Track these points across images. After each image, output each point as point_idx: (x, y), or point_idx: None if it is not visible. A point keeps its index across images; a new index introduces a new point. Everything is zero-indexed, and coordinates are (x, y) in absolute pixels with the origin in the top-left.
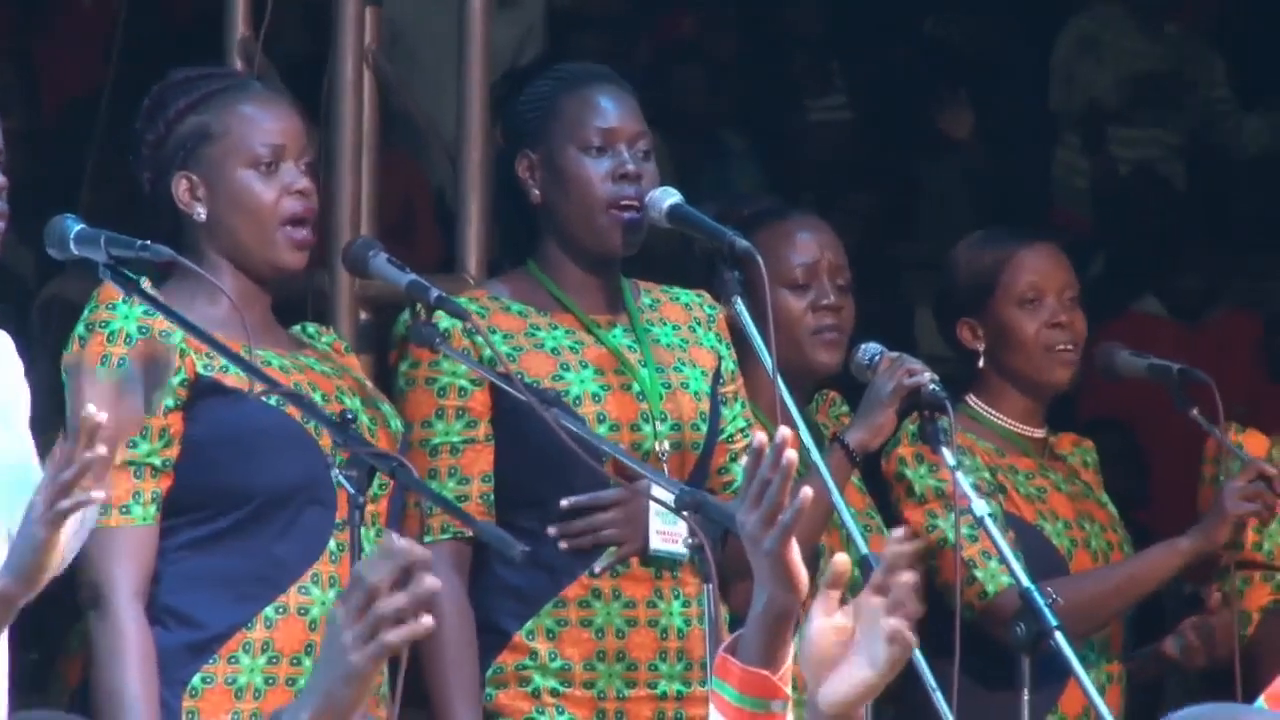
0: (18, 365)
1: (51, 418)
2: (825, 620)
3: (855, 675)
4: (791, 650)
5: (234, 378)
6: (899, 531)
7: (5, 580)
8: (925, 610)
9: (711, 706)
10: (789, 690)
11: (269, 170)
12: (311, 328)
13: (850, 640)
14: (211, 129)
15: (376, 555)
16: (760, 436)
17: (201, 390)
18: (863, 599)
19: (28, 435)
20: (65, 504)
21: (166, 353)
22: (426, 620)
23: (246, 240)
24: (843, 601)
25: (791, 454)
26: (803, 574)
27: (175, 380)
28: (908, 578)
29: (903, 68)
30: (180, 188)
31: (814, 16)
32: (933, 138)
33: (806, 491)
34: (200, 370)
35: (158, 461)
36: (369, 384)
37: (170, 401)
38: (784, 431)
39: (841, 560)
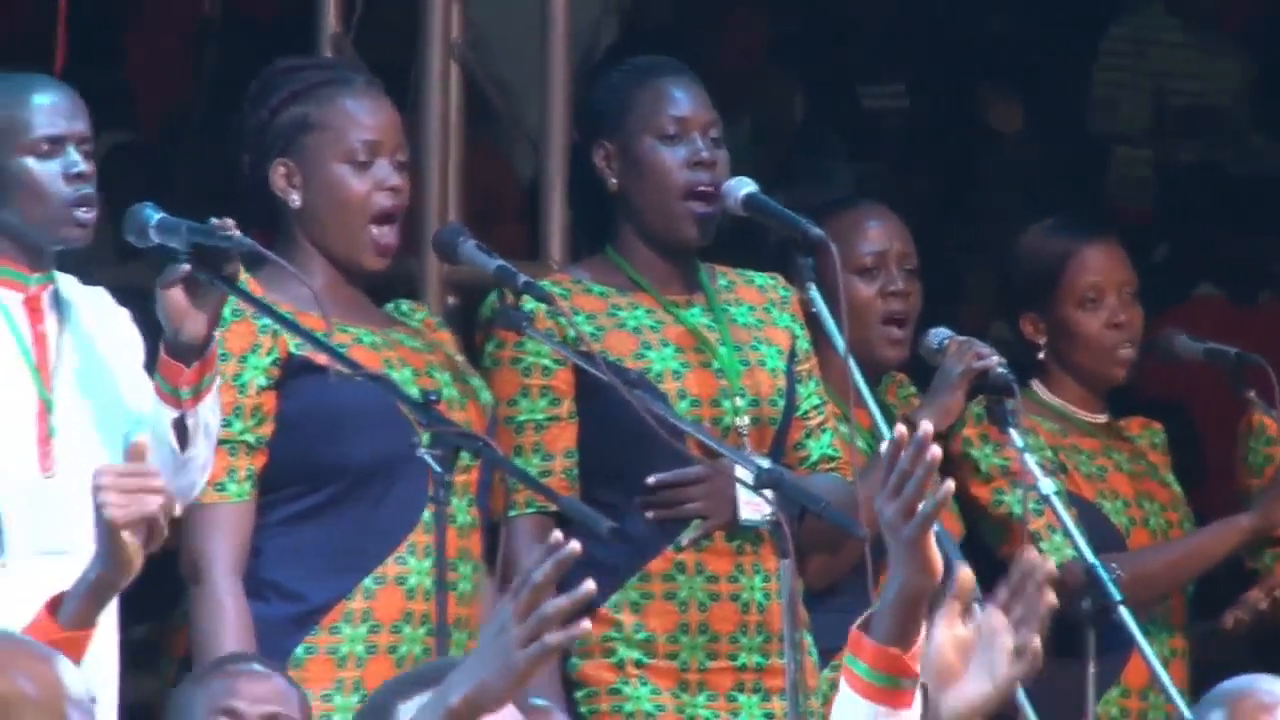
0: (120, 313)
1: None
2: (947, 632)
3: (975, 688)
4: (923, 631)
5: (324, 357)
6: (1032, 551)
7: (99, 569)
8: (992, 582)
9: (843, 681)
10: (919, 669)
11: (363, 165)
12: (405, 305)
13: (970, 652)
14: (311, 120)
15: (541, 553)
16: (900, 428)
17: (294, 369)
18: (988, 614)
19: (144, 378)
20: (132, 513)
21: None
22: (585, 624)
23: (335, 233)
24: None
25: (936, 450)
26: (937, 559)
27: (268, 360)
28: (1050, 599)
29: (959, 59)
30: (277, 174)
31: (879, 4)
32: (985, 128)
33: (949, 485)
34: (293, 349)
35: (252, 439)
36: (460, 358)
37: (263, 380)
38: (926, 426)
39: (966, 575)
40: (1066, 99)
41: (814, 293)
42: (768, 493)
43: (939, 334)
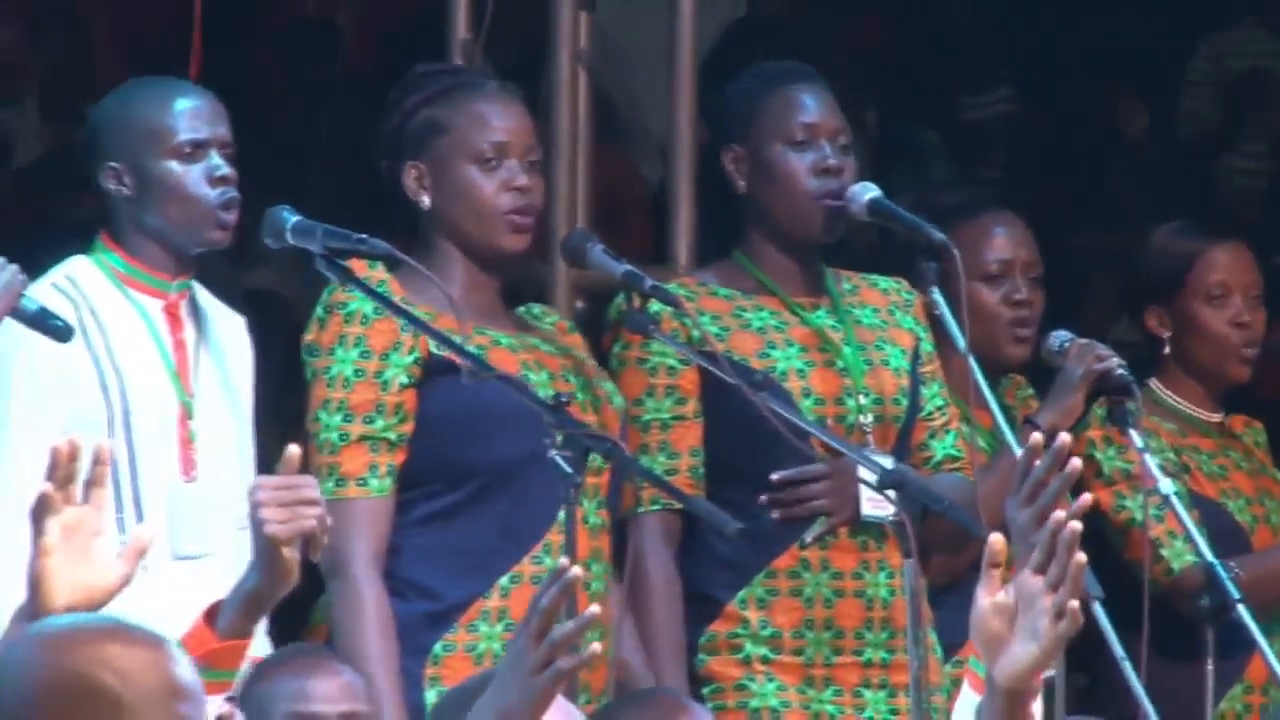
0: (250, 351)
1: (278, 402)
2: (988, 599)
3: (1022, 651)
4: None
5: (457, 355)
6: (1060, 514)
7: (257, 580)
8: (1114, 585)
9: (965, 681)
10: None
11: (492, 166)
12: (536, 309)
13: (1013, 617)
14: (441, 123)
15: (548, 582)
16: (1036, 436)
17: (434, 368)
18: (1023, 578)
19: (250, 418)
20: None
21: None
22: (595, 646)
23: (467, 228)
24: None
25: (1076, 463)
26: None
27: (410, 358)
28: (1080, 558)
29: (1076, 62)
30: (409, 177)
31: (976, 12)
32: (1106, 131)
33: (1086, 498)
34: (433, 349)
35: (393, 436)
36: (591, 362)
37: (405, 378)
38: (1064, 438)
39: (997, 539)
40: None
41: (937, 295)
42: (891, 492)
43: (1060, 336)
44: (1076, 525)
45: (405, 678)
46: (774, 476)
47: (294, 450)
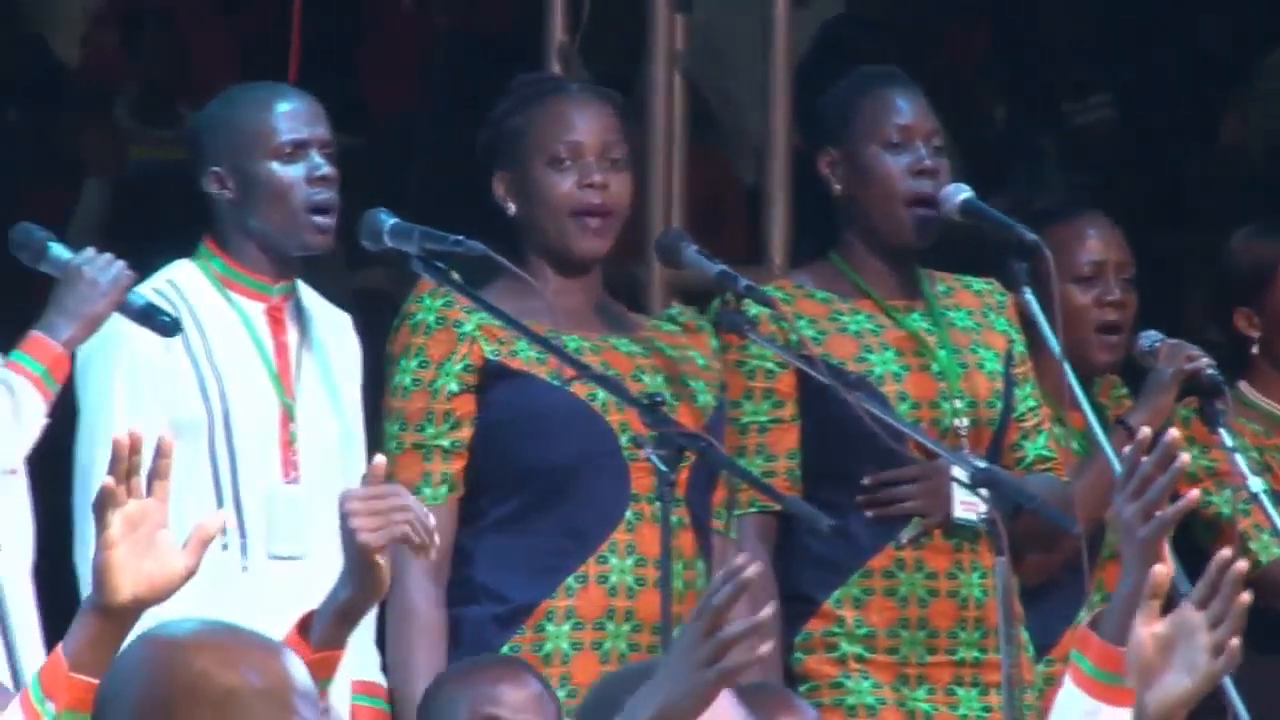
0: (357, 350)
1: (373, 401)
2: (1146, 630)
3: (1176, 684)
4: None
5: (520, 361)
6: (1225, 552)
7: (349, 591)
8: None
9: (1067, 675)
10: None
11: (566, 166)
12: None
13: (1170, 649)
14: (523, 129)
15: (722, 579)
16: (1145, 430)
17: (490, 374)
18: (1184, 612)
19: (358, 419)
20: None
21: None
22: (766, 647)
23: (545, 231)
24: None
25: (1185, 457)
26: (1170, 563)
27: (460, 366)
28: (1244, 599)
29: (1172, 71)
30: (498, 186)
31: (1074, 20)
32: (1201, 137)
33: (1194, 494)
34: (488, 355)
35: (446, 444)
36: (708, 361)
37: (455, 385)
38: (1173, 433)
39: (1161, 571)
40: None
41: (1029, 297)
42: (983, 491)
43: (1150, 337)
44: (1242, 564)
45: None
46: (867, 479)
47: (380, 460)
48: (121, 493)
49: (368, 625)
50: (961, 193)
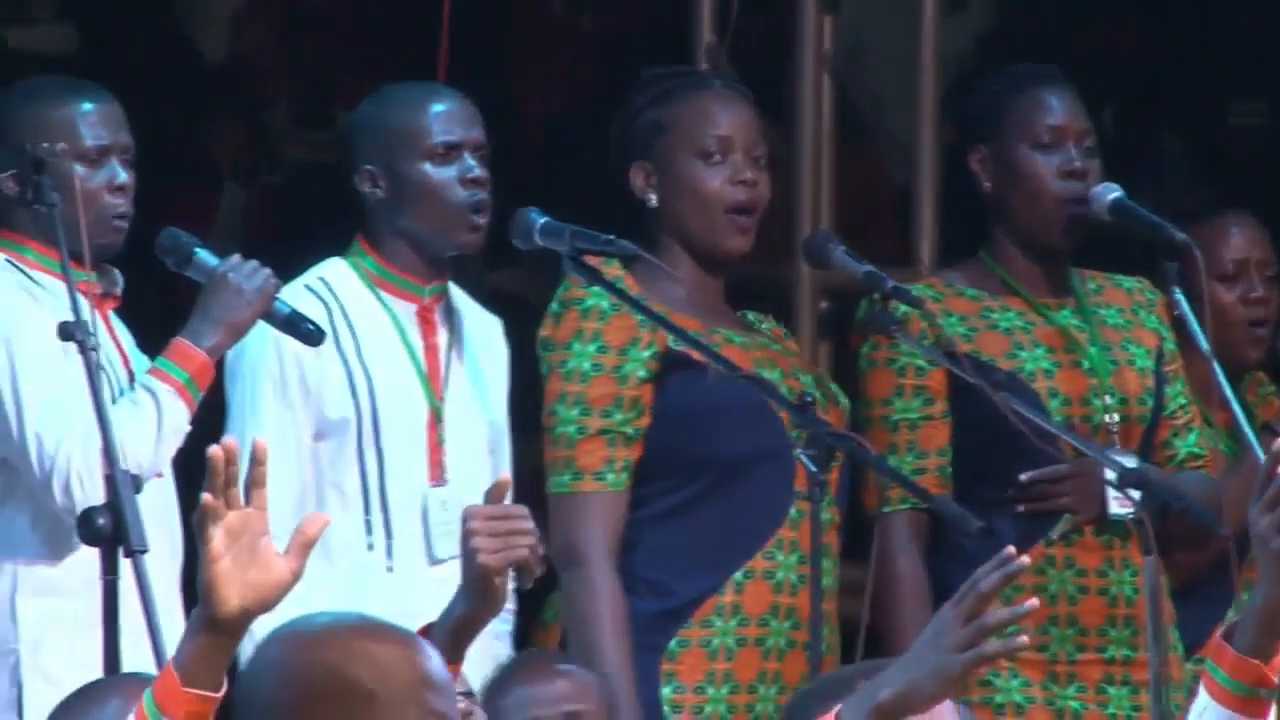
0: (505, 354)
1: (520, 403)
2: None
3: None
4: None
5: (700, 353)
6: None
7: (466, 606)
8: None
9: (1201, 686)
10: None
11: (716, 160)
12: (751, 315)
13: None
14: (665, 122)
15: (992, 566)
16: None
17: (671, 363)
18: None
19: (505, 421)
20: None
21: None
22: (1023, 639)
23: (692, 225)
24: None
25: None
26: None
27: (647, 353)
28: None
29: None
30: (638, 176)
31: (1246, 20)
32: None
33: None
34: (671, 344)
35: (630, 431)
36: (814, 365)
37: (643, 373)
38: None
39: None
40: None
41: (1179, 295)
42: (1133, 490)
43: None
44: None
45: (641, 674)
46: (1022, 477)
47: (504, 478)
48: (220, 506)
49: (507, 636)
50: (1111, 192)
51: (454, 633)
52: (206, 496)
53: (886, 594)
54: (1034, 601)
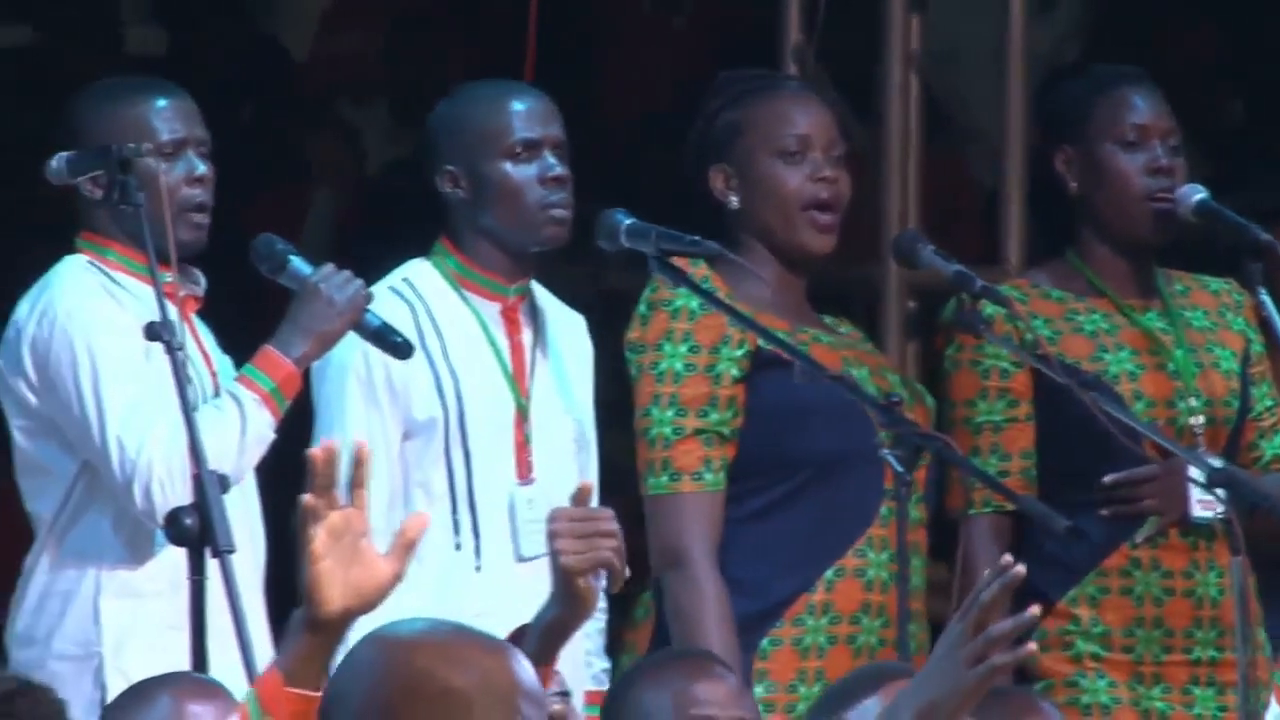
0: (590, 351)
1: (619, 401)
2: None
3: None
4: None
5: (788, 353)
6: None
7: (556, 610)
8: None
9: (1272, 696)
10: None
11: (795, 159)
12: (829, 318)
13: None
14: (742, 123)
15: (990, 577)
16: None
17: (762, 362)
18: None
19: (590, 419)
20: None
21: None
22: (1031, 646)
23: (773, 225)
24: None
25: None
26: None
27: (739, 352)
28: None
29: None
30: (717, 179)
31: None
32: None
33: None
34: (761, 344)
35: (725, 430)
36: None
37: (736, 372)
38: None
39: None
40: None
41: (1264, 296)
42: (1220, 491)
43: None
44: None
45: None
46: (1106, 479)
47: (587, 482)
48: (322, 506)
49: (597, 635)
50: (1197, 193)
51: (546, 635)
52: (308, 497)
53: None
54: (1035, 610)
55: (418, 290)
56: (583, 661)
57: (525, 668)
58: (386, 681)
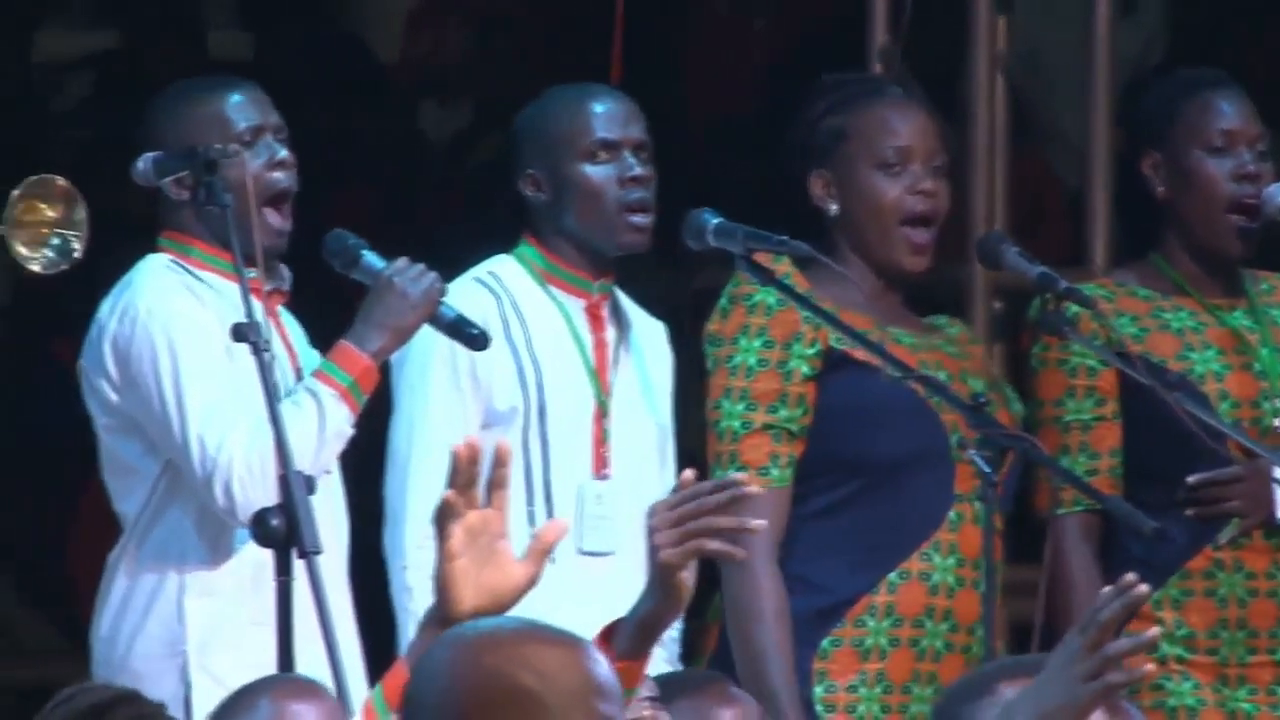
0: (669, 359)
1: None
2: None
3: None
4: None
5: (863, 352)
6: None
7: (652, 603)
8: None
9: None
10: None
11: (895, 171)
12: (942, 319)
13: None
14: (846, 130)
15: (1110, 595)
16: None
17: (833, 362)
18: None
19: (669, 423)
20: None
21: None
22: (1149, 667)
23: (870, 238)
24: None
25: None
26: None
27: (811, 350)
28: None
29: None
30: (816, 185)
31: None
32: None
33: None
34: (833, 343)
35: (794, 427)
36: (993, 369)
37: (807, 369)
38: None
39: None
40: None
41: None
42: None
43: None
44: None
45: (794, 672)
46: (1190, 479)
47: (689, 474)
48: (461, 504)
49: (671, 644)
50: None
51: (639, 628)
52: (449, 493)
53: (1059, 595)
54: (1155, 631)
55: (503, 282)
56: (661, 668)
57: (599, 664)
58: (458, 682)
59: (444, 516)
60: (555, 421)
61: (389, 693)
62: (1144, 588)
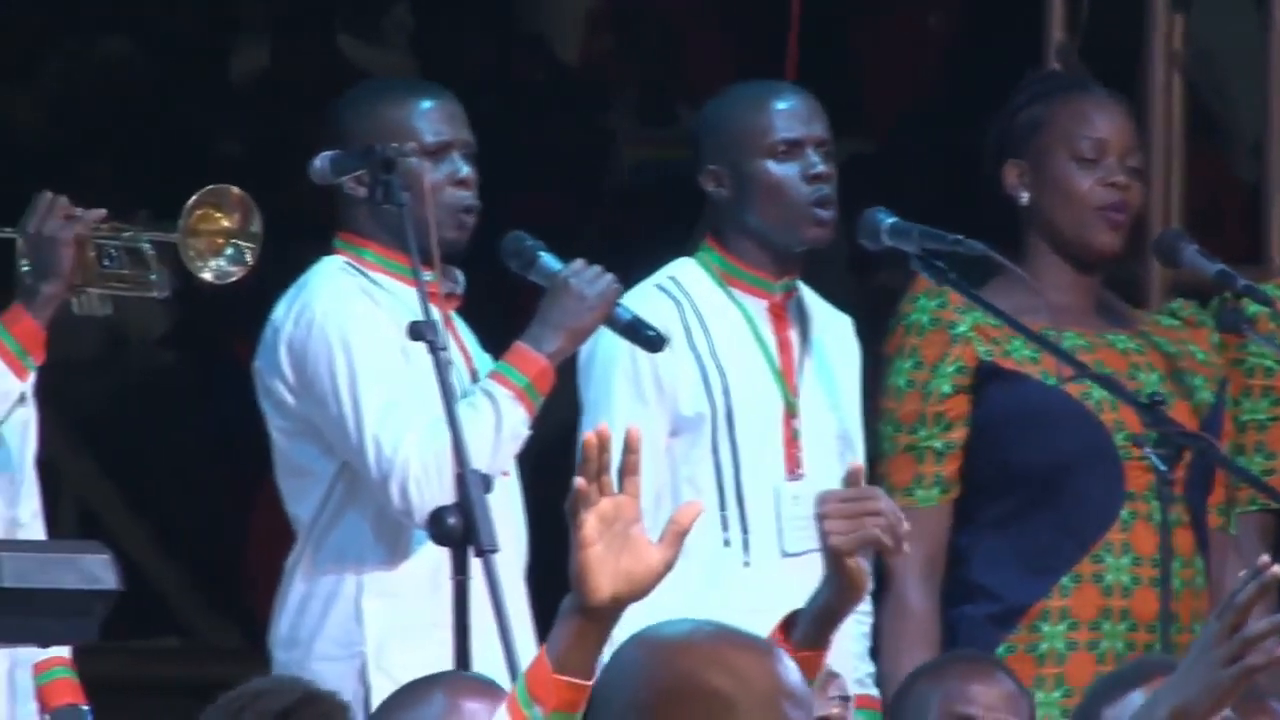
0: (857, 353)
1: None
2: None
3: None
4: None
5: (1013, 361)
6: None
7: (828, 593)
8: None
9: None
10: None
11: (1090, 163)
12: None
13: None
14: (1043, 120)
15: (1245, 577)
16: None
17: (983, 375)
18: None
19: (858, 419)
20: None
21: None
22: None
23: (1062, 224)
24: None
25: None
26: None
27: (953, 368)
28: None
29: None
30: (1010, 174)
31: None
32: None
33: None
34: (981, 356)
35: (939, 445)
36: (1207, 355)
37: (948, 387)
38: None
39: None
40: None
41: None
42: None
43: None
44: None
45: None
46: None
47: (856, 464)
48: (594, 491)
49: (862, 638)
50: None
51: (817, 619)
52: (580, 481)
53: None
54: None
55: (684, 287)
56: (850, 665)
57: (789, 669)
58: (649, 683)
59: (576, 505)
60: (744, 425)
61: (532, 685)
62: (1277, 568)
